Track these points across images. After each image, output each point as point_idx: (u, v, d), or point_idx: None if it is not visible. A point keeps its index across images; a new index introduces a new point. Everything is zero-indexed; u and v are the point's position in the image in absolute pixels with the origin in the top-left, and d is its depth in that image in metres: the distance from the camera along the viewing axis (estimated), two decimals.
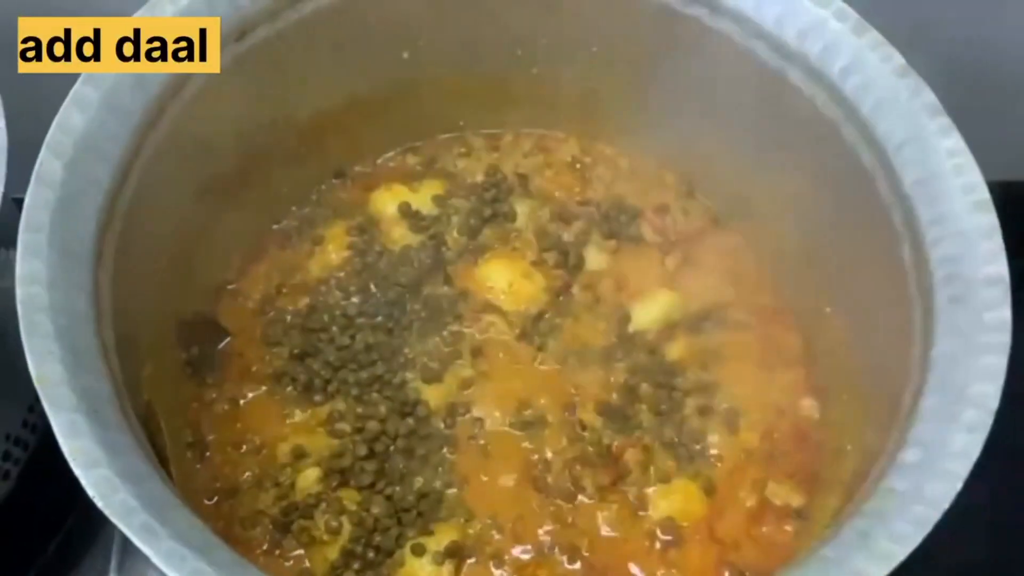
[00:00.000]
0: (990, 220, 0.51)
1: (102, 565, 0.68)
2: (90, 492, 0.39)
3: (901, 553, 0.41)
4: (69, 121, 0.50)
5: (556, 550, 0.59)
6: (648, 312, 0.67)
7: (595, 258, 0.70)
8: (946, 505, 0.42)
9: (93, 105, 0.51)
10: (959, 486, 0.43)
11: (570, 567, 0.58)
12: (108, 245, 0.51)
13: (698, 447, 0.62)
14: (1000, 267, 0.49)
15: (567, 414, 0.63)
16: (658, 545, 0.59)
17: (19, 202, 0.49)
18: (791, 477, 0.62)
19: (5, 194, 0.53)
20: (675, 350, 0.65)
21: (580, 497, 0.60)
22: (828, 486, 0.58)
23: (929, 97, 0.55)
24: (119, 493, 0.40)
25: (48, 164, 0.48)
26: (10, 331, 0.56)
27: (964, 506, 0.42)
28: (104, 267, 0.50)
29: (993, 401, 0.45)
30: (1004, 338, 0.47)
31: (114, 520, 0.39)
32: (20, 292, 0.44)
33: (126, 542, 0.68)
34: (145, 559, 0.67)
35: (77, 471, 0.40)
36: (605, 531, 0.59)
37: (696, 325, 0.67)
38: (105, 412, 0.43)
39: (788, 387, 0.65)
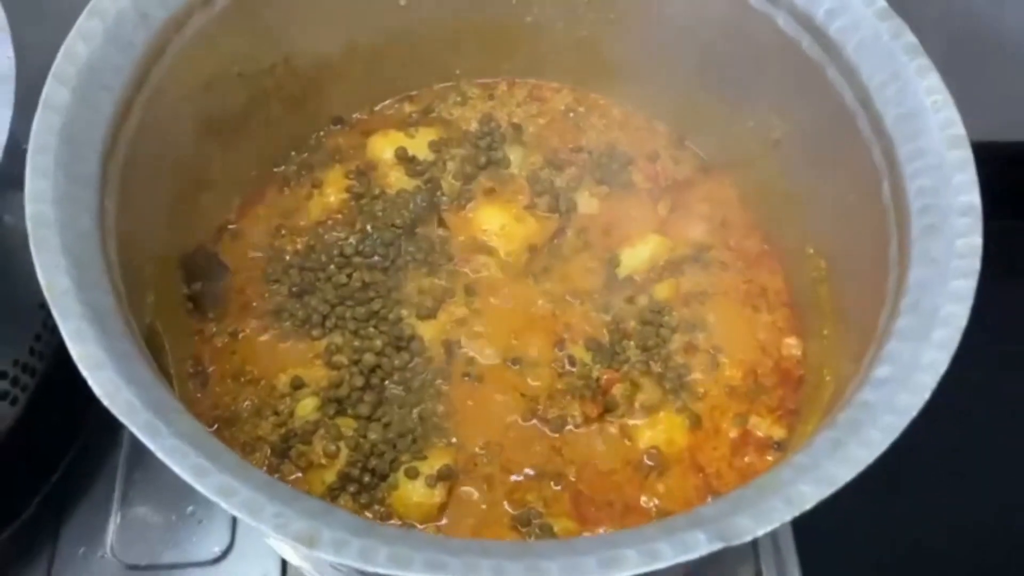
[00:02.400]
0: (965, 154, 0.53)
1: (106, 494, 0.70)
2: (97, 391, 0.41)
3: (869, 457, 0.43)
4: (74, 51, 0.52)
5: (545, 476, 0.61)
6: (638, 255, 0.69)
7: (587, 203, 0.72)
8: (914, 413, 0.44)
9: (98, 37, 0.53)
10: (927, 396, 0.45)
11: (557, 490, 0.60)
12: (112, 172, 0.52)
13: (683, 381, 0.64)
14: (973, 196, 0.51)
15: (557, 350, 0.65)
16: (643, 472, 0.61)
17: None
18: (773, 411, 0.64)
19: (12, 133, 0.54)
20: (663, 291, 0.67)
21: (568, 427, 0.62)
22: (807, 417, 0.60)
23: (909, 38, 0.57)
24: (123, 393, 0.41)
25: (54, 91, 0.50)
26: (15, 263, 0.58)
27: None
28: (109, 192, 0.52)
29: (962, 320, 0.47)
30: (974, 263, 0.49)
31: (119, 417, 0.41)
32: (29, 209, 0.46)
33: (129, 472, 0.70)
34: (147, 488, 0.70)
35: (84, 372, 0.41)
36: (592, 459, 0.61)
37: (684, 268, 0.68)
38: (110, 323, 0.45)
39: (771, 326, 0.67)
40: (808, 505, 0.41)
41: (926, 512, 0.67)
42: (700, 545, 0.40)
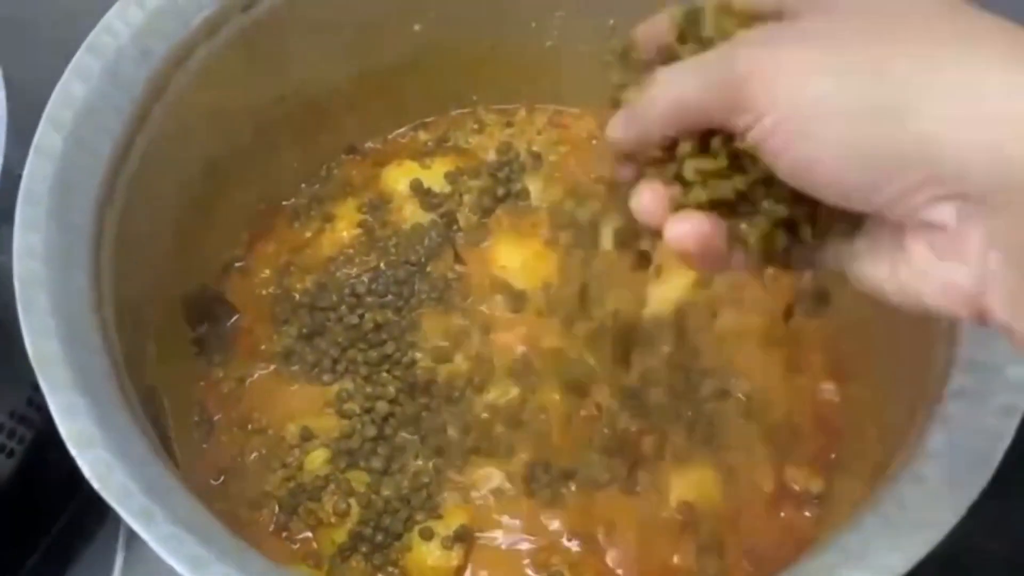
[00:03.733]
0: None
1: (110, 546, 0.67)
2: (87, 473, 0.38)
3: (926, 545, 0.39)
4: (70, 91, 0.49)
5: (570, 536, 0.57)
6: (665, 293, 0.65)
7: (611, 238, 0.68)
8: (975, 494, 0.40)
9: (95, 75, 0.50)
10: (992, 472, 0.41)
11: (584, 554, 0.57)
12: (109, 220, 0.50)
13: (715, 430, 0.60)
14: None
15: (582, 397, 0.62)
16: (674, 530, 0.57)
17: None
18: (810, 462, 0.60)
19: (6, 167, 0.51)
20: (692, 332, 0.64)
21: (597, 484, 0.59)
22: (849, 471, 0.57)
23: None
24: (116, 475, 0.39)
25: (47, 135, 0.47)
26: (13, 308, 0.55)
27: None
28: (105, 242, 0.49)
29: None
30: None
31: (111, 503, 0.38)
32: (17, 267, 0.43)
33: None
34: None
35: (74, 452, 0.38)
36: (619, 517, 0.58)
37: (714, 307, 0.65)
38: (104, 391, 0.42)
39: (807, 370, 0.63)
40: None
41: None
42: None
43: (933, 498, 0.41)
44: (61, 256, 0.45)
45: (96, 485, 0.38)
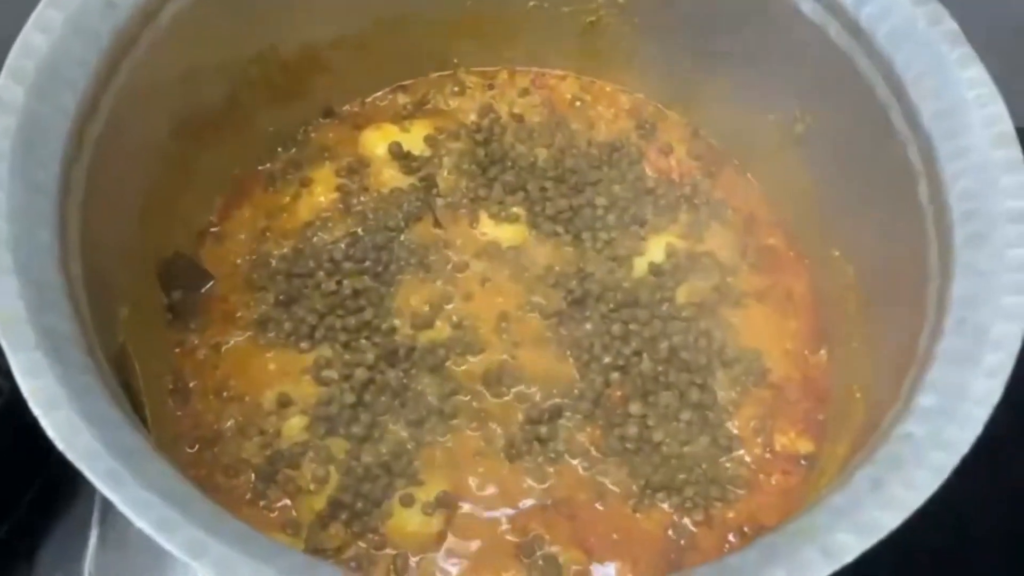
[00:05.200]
0: (1013, 153, 0.48)
1: (84, 515, 0.65)
2: (51, 434, 0.37)
3: (915, 500, 0.38)
4: (31, 44, 0.47)
5: (550, 502, 0.56)
6: (652, 256, 0.64)
7: (596, 201, 0.67)
8: (964, 450, 0.40)
9: (57, 27, 0.48)
10: (979, 430, 0.40)
11: (562, 518, 0.56)
12: (76, 177, 0.48)
13: (703, 394, 0.59)
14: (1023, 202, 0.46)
15: (565, 361, 0.61)
16: (661, 495, 0.57)
17: None
18: (798, 424, 0.59)
19: None
20: (680, 295, 0.63)
21: (576, 447, 0.58)
22: (836, 434, 0.56)
23: (949, 25, 0.52)
24: (83, 436, 0.37)
25: (8, 89, 0.45)
26: None
27: None
28: (72, 200, 0.47)
29: (1016, 343, 0.43)
30: None
31: (77, 464, 0.36)
32: None
33: None
34: None
35: (37, 411, 0.37)
36: (605, 484, 0.57)
37: (702, 269, 0.64)
38: (69, 352, 0.40)
39: (796, 334, 0.63)
40: (849, 557, 0.37)
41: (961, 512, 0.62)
42: None
43: (922, 457, 0.40)
44: (25, 213, 0.43)
45: (61, 446, 0.36)
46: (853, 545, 0.37)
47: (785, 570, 0.37)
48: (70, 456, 0.36)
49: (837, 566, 0.37)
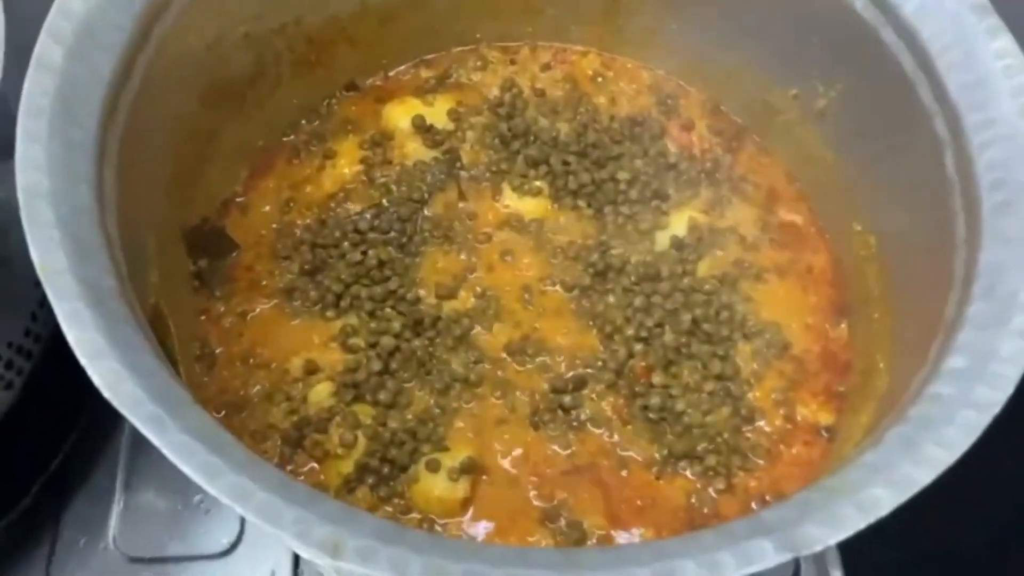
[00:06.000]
0: None
1: (108, 482, 0.66)
2: (97, 382, 0.37)
3: (948, 457, 0.39)
4: (69, 6, 0.47)
5: (573, 470, 0.57)
6: (675, 230, 0.65)
7: (619, 175, 0.67)
8: (996, 409, 0.40)
9: None
10: (1010, 390, 0.40)
11: (586, 485, 0.56)
12: (111, 139, 0.48)
13: (725, 366, 0.59)
14: None
15: (588, 334, 0.61)
16: (683, 464, 0.57)
17: None
18: (819, 396, 0.60)
19: (3, 93, 0.50)
20: (702, 268, 0.63)
21: (600, 418, 0.58)
22: (858, 404, 0.56)
23: None
24: (126, 384, 0.37)
25: (48, 49, 0.46)
26: (9, 240, 0.54)
27: None
28: (107, 162, 0.47)
29: None
30: None
31: (122, 411, 0.37)
32: (20, 178, 0.42)
33: (132, 458, 0.67)
34: (150, 474, 0.66)
35: (83, 361, 0.37)
36: (626, 452, 0.57)
37: (723, 243, 0.64)
38: (111, 305, 0.41)
39: (816, 307, 0.63)
40: (884, 511, 0.37)
41: (977, 506, 0.63)
42: (767, 556, 0.36)
43: (953, 416, 0.41)
44: (64, 170, 0.43)
45: (106, 394, 0.37)
46: (887, 500, 0.38)
47: (819, 524, 0.37)
48: (115, 403, 0.37)
49: (871, 519, 0.37)
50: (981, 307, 0.45)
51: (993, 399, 0.41)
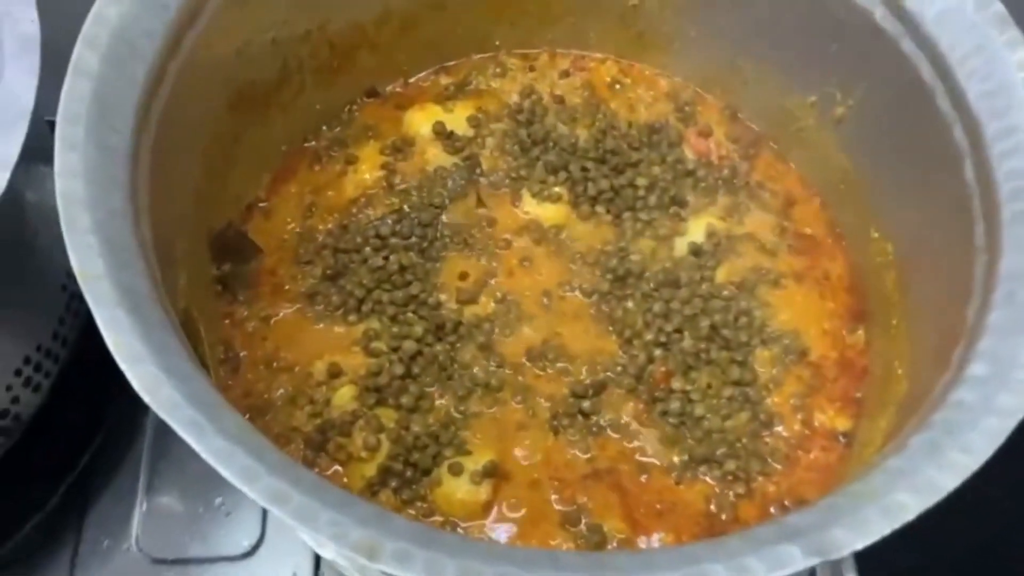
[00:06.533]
0: None
1: (130, 485, 0.67)
2: (136, 386, 0.38)
3: (973, 463, 0.39)
4: (105, 14, 0.48)
5: (594, 474, 0.57)
6: (693, 237, 0.65)
7: (637, 181, 0.68)
8: (1020, 416, 0.41)
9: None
10: None
11: (607, 489, 0.57)
12: (144, 144, 0.49)
13: (742, 372, 0.60)
14: None
15: (607, 338, 0.62)
16: (702, 468, 0.58)
17: (50, 124, 0.46)
18: (836, 402, 0.60)
19: (37, 104, 0.51)
20: (720, 274, 0.64)
21: (619, 423, 0.59)
22: (876, 410, 0.57)
23: (997, 8, 0.53)
24: (165, 388, 0.38)
25: (84, 55, 0.46)
26: (39, 243, 0.55)
27: None
28: (141, 166, 0.48)
29: None
30: None
31: (161, 415, 0.37)
32: (59, 184, 0.42)
33: (154, 461, 0.67)
34: (172, 476, 0.67)
35: (123, 366, 0.38)
36: (646, 457, 0.58)
37: (741, 250, 0.65)
38: (147, 310, 0.42)
39: (834, 314, 0.64)
40: (909, 516, 0.38)
41: (994, 510, 0.64)
42: (795, 560, 0.36)
43: (976, 422, 0.41)
44: (100, 175, 0.44)
45: (147, 399, 0.37)
46: (912, 505, 0.38)
47: (845, 528, 0.38)
48: (154, 407, 0.37)
49: (897, 525, 0.38)
50: (1002, 314, 0.46)
51: (1016, 406, 0.41)
